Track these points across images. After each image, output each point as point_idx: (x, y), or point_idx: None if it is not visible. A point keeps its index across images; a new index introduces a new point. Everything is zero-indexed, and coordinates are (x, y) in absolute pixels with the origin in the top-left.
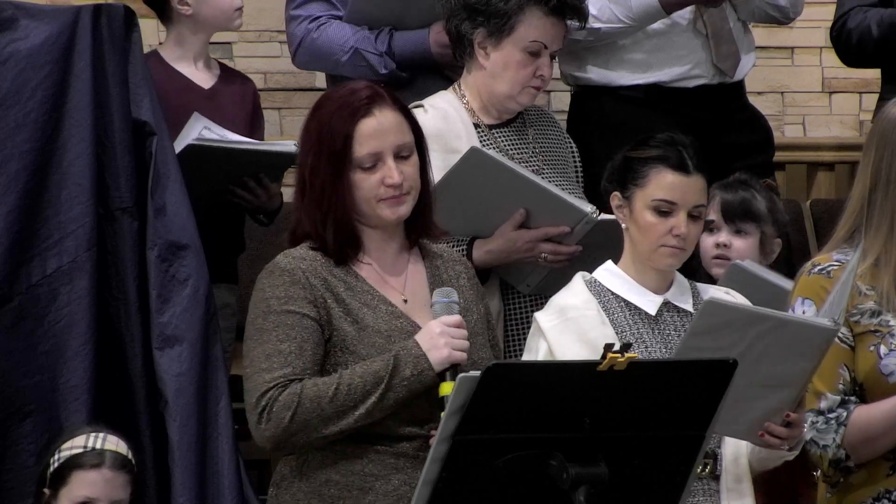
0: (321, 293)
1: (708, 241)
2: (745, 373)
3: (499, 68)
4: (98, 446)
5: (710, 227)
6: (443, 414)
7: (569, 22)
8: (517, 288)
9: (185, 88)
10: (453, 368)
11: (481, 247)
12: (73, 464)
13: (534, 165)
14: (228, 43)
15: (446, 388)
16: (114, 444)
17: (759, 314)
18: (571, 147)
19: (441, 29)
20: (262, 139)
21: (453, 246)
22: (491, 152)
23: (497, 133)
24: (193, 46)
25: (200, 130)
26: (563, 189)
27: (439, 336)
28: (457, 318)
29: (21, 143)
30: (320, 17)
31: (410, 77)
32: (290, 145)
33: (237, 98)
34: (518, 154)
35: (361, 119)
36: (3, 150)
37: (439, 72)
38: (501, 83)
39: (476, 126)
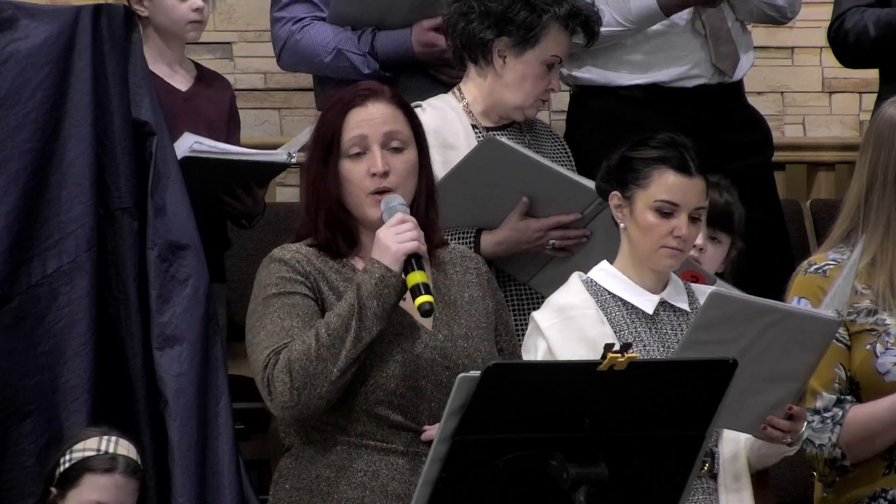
0: (315, 280)
1: None
2: (749, 366)
3: (516, 78)
4: (111, 450)
5: None
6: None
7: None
8: (516, 277)
9: (163, 91)
10: (415, 259)
11: (490, 238)
12: (85, 466)
13: None
14: (228, 43)
15: (414, 278)
16: (125, 448)
17: (764, 306)
18: (567, 151)
19: (424, 28)
20: (239, 141)
21: (459, 238)
22: (506, 140)
23: (495, 134)
24: (165, 52)
25: (192, 144)
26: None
27: (384, 239)
28: (397, 216)
29: (21, 143)
30: (303, 18)
31: (394, 76)
32: (281, 155)
33: (214, 101)
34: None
35: (352, 109)
36: (3, 150)
37: (423, 71)
38: (515, 94)
39: (474, 127)
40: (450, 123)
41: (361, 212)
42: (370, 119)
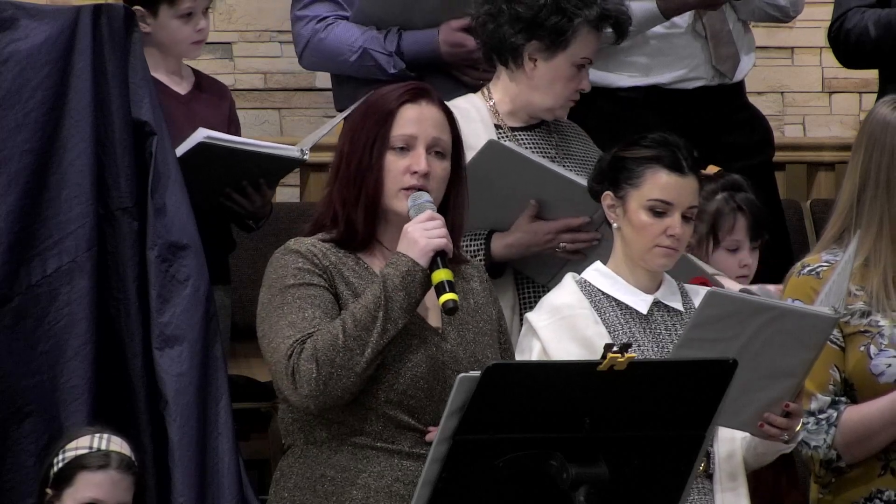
0: (331, 275)
1: (730, 262)
2: (747, 364)
3: (546, 81)
4: (104, 447)
5: (732, 248)
6: (442, 299)
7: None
8: (535, 280)
9: (162, 94)
10: (441, 256)
11: (500, 240)
12: (79, 464)
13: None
14: (228, 43)
15: (439, 275)
16: (118, 445)
17: (761, 304)
18: (597, 154)
19: (453, 28)
20: None
21: (471, 240)
22: (508, 143)
23: (520, 135)
24: (161, 63)
25: (206, 136)
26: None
27: (412, 233)
28: (426, 213)
29: (21, 143)
30: (327, 17)
31: (419, 77)
32: (294, 151)
33: (214, 105)
34: (541, 155)
35: (406, 103)
36: (3, 150)
37: (445, 72)
38: (546, 95)
39: (498, 127)
40: (472, 124)
41: (390, 203)
42: (422, 119)
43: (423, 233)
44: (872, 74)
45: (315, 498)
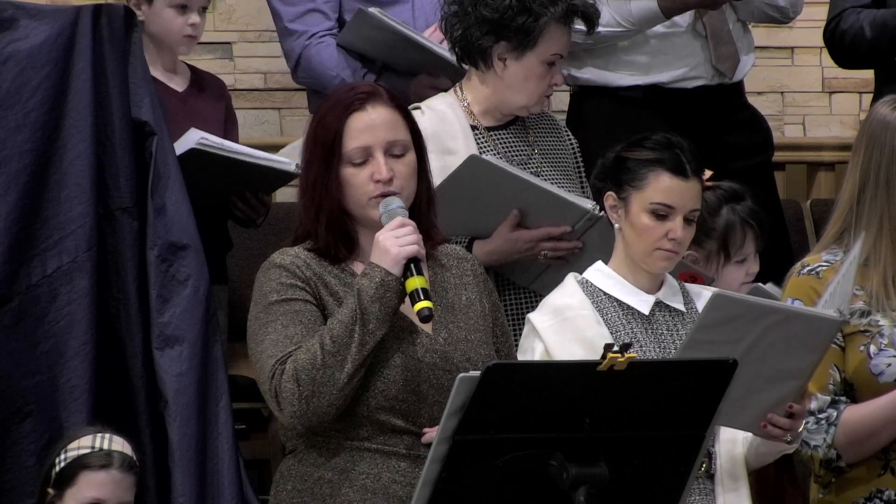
0: (315, 286)
1: (738, 273)
2: (752, 365)
3: (518, 80)
4: (105, 447)
5: (740, 260)
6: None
7: (576, 26)
8: (516, 282)
9: (159, 92)
10: (414, 264)
11: (482, 248)
12: (81, 464)
13: (532, 167)
14: (228, 43)
15: (413, 283)
16: (120, 444)
17: (767, 307)
18: (572, 143)
19: (423, 85)
20: (237, 141)
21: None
22: (490, 158)
23: (495, 135)
24: (159, 60)
25: (199, 139)
26: (563, 188)
27: (384, 242)
28: (397, 220)
29: (21, 143)
30: (316, 33)
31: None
32: (290, 165)
33: (211, 102)
34: (516, 156)
35: (353, 113)
36: (3, 150)
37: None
38: (519, 94)
39: (474, 128)
40: (449, 126)
41: (364, 213)
42: (372, 126)
43: (394, 241)
44: (872, 74)
45: (313, 500)
